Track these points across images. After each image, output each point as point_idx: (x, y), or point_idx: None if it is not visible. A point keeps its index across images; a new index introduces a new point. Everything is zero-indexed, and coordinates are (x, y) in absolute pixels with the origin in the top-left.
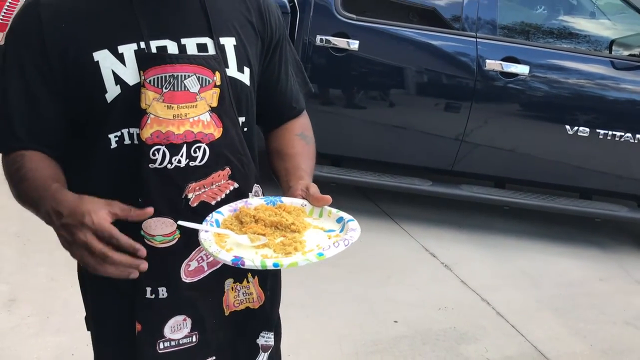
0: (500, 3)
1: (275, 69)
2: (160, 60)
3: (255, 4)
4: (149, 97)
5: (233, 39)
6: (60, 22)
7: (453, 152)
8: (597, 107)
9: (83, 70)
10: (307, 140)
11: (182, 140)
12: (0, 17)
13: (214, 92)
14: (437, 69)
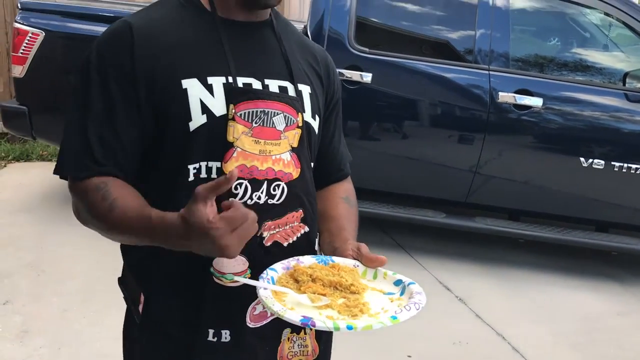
0: (512, 35)
1: (330, 128)
2: (253, 95)
3: (324, 61)
4: (237, 130)
5: (308, 87)
6: (151, 47)
7: (467, 184)
8: (612, 139)
9: (170, 96)
10: (351, 205)
11: (264, 176)
12: (20, 52)
13: (296, 133)
14: (450, 101)
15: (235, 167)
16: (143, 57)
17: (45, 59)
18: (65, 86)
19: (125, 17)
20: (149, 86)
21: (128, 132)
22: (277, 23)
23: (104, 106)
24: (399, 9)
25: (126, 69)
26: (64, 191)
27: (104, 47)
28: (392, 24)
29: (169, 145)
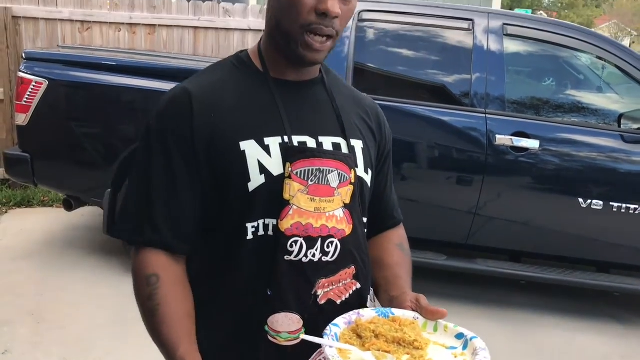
0: (507, 79)
1: (384, 177)
2: (309, 153)
3: (375, 114)
4: (294, 188)
5: (360, 142)
6: (210, 112)
7: (467, 225)
8: (610, 180)
9: (229, 159)
10: (405, 252)
11: (318, 234)
12: (24, 100)
13: (349, 189)
14: (448, 144)
15: (290, 224)
16: (202, 124)
17: (48, 107)
18: (66, 133)
19: (183, 84)
20: (209, 151)
21: (188, 200)
22: (328, 79)
23: (165, 176)
24: (395, 55)
25: (186, 138)
26: (64, 237)
27: (164, 116)
28: (389, 69)
29: (228, 206)
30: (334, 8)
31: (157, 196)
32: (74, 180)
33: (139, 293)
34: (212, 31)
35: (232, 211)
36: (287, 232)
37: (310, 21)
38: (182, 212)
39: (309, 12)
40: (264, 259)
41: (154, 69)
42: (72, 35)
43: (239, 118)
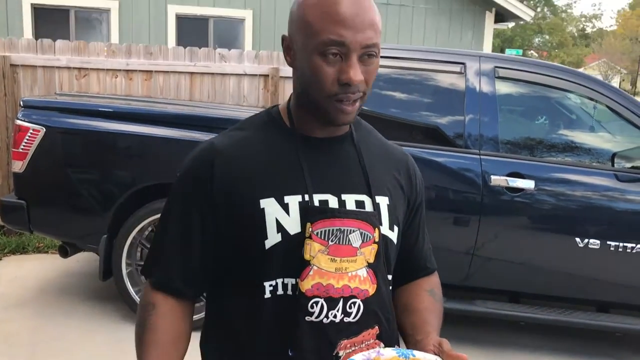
0: (501, 120)
1: (415, 230)
2: (329, 213)
3: (404, 167)
4: (314, 248)
5: (386, 199)
6: (231, 167)
7: (465, 266)
8: (606, 219)
9: (248, 215)
10: (436, 298)
11: (340, 294)
12: (21, 148)
13: (373, 248)
14: (444, 185)
15: (311, 285)
16: (223, 180)
17: (45, 154)
18: (63, 180)
19: (212, 138)
20: (228, 204)
21: (202, 253)
22: (357, 135)
23: (183, 230)
24: (390, 97)
25: (206, 195)
26: (59, 284)
27: (188, 171)
28: (383, 111)
29: (246, 262)
30: (355, 77)
31: (170, 245)
32: (70, 226)
33: (137, 319)
34: (208, 76)
35: (249, 268)
36: (307, 293)
37: (335, 92)
38: (194, 263)
39: (332, 83)
40: (284, 319)
41: (149, 115)
42: (70, 82)
43: (261, 176)
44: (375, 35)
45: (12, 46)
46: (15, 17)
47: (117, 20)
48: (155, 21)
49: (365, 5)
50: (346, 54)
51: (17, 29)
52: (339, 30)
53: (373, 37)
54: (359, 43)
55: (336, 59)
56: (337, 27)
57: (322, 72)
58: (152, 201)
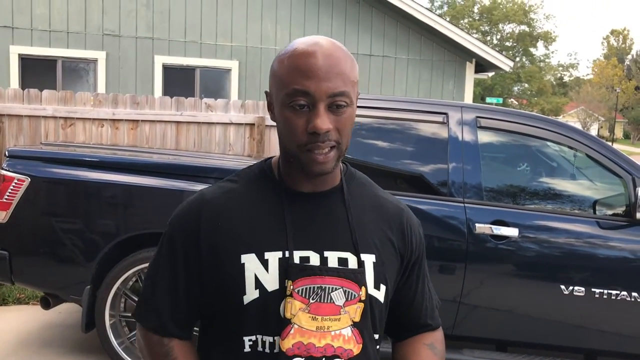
0: (483, 167)
1: (412, 286)
2: (310, 271)
3: (397, 223)
4: (295, 307)
5: (373, 256)
6: (217, 220)
7: (452, 314)
8: (589, 266)
9: (228, 270)
10: (436, 352)
11: (322, 354)
12: (5, 198)
13: (358, 307)
14: (429, 233)
15: (292, 344)
16: (209, 234)
17: (29, 203)
18: (47, 230)
19: (204, 189)
20: (212, 260)
21: (189, 297)
22: (348, 188)
23: (170, 274)
24: (373, 146)
25: (192, 245)
26: (40, 337)
27: (177, 223)
28: (367, 159)
29: (225, 316)
30: (322, 125)
31: (161, 294)
32: (53, 277)
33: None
34: (194, 125)
35: (229, 321)
36: (288, 352)
37: (305, 141)
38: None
39: (302, 133)
40: None
41: (134, 165)
42: (55, 132)
43: (244, 231)
44: (344, 85)
45: None
46: (2, 67)
47: (104, 70)
48: (142, 71)
49: (336, 57)
50: (313, 103)
51: (4, 78)
52: (303, 81)
53: (340, 86)
54: (324, 92)
55: (304, 109)
56: (302, 78)
57: (292, 123)
58: (136, 251)
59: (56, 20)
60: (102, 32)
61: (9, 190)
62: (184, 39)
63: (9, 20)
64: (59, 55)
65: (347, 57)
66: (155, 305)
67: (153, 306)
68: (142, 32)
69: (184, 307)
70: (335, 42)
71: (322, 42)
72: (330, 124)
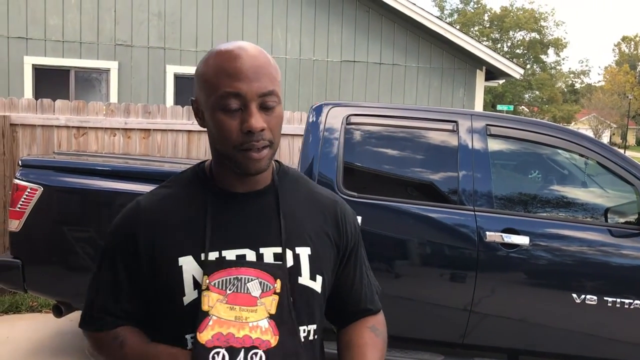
0: (494, 175)
1: (350, 273)
2: (225, 264)
3: (332, 215)
4: (212, 299)
5: (308, 249)
6: (154, 225)
7: (463, 323)
8: (602, 274)
9: (168, 272)
10: (377, 333)
11: (241, 344)
12: (18, 207)
13: (274, 299)
14: (439, 241)
15: (211, 335)
16: (146, 240)
17: (42, 212)
18: (59, 238)
19: (139, 198)
20: (151, 260)
21: (133, 302)
22: (282, 185)
23: (112, 283)
24: (384, 155)
25: (131, 252)
26: (52, 345)
27: (115, 232)
28: (378, 168)
29: (167, 317)
30: (256, 124)
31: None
32: (65, 285)
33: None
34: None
35: (173, 322)
36: (207, 344)
37: (240, 142)
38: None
39: (237, 134)
40: None
41: (146, 174)
42: (68, 141)
43: (180, 233)
44: (272, 84)
45: (12, 106)
46: (16, 78)
47: (116, 80)
48: (154, 81)
49: (260, 58)
50: (245, 104)
51: (19, 88)
52: (233, 83)
53: (269, 85)
54: (255, 92)
55: (237, 111)
56: (232, 80)
57: (226, 125)
58: None
59: (69, 30)
60: (115, 42)
61: (22, 199)
62: (195, 48)
63: (23, 31)
64: (72, 66)
65: (270, 59)
66: (98, 310)
67: (96, 310)
68: (154, 42)
69: (128, 308)
70: (256, 45)
71: (246, 45)
72: (264, 122)
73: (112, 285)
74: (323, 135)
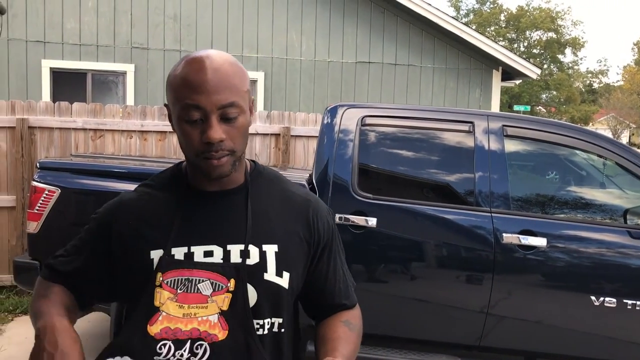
0: (510, 176)
1: (322, 271)
2: (179, 264)
3: (303, 214)
4: (164, 296)
5: (275, 246)
6: (128, 218)
7: (479, 326)
8: (621, 276)
9: (139, 264)
10: (351, 328)
11: (188, 336)
12: (36, 209)
13: (226, 297)
14: (455, 243)
15: (160, 329)
16: (120, 230)
17: (59, 214)
18: None
19: (123, 193)
20: (123, 251)
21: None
22: (255, 184)
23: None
24: (398, 156)
25: (104, 235)
26: None
27: (97, 218)
28: (393, 169)
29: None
30: (214, 135)
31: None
32: None
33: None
34: None
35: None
36: (156, 336)
37: (200, 150)
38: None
39: (198, 143)
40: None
41: None
42: (85, 143)
43: (154, 228)
44: (233, 96)
45: (30, 109)
46: (34, 80)
47: (132, 83)
48: None
49: (224, 70)
50: (205, 115)
51: (37, 91)
52: (193, 95)
53: (230, 97)
54: (214, 104)
55: (198, 121)
56: (193, 93)
57: (188, 134)
58: None
59: (86, 34)
60: (131, 45)
61: (40, 202)
62: None
63: (41, 35)
64: (89, 69)
65: (236, 69)
66: (52, 261)
67: (53, 262)
68: (170, 45)
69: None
70: (224, 54)
71: (212, 55)
72: (223, 133)
73: (75, 250)
74: (338, 137)
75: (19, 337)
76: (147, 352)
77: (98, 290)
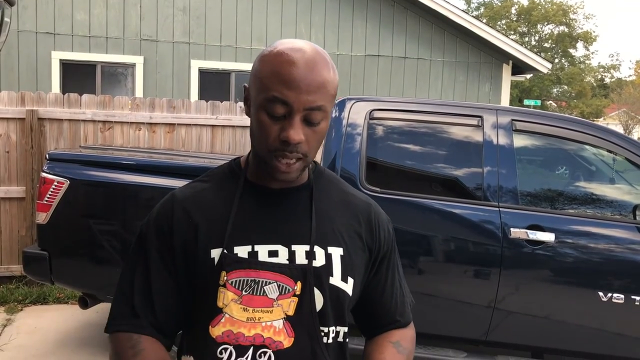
0: (519, 171)
1: (381, 280)
2: (246, 264)
3: (366, 217)
4: (227, 297)
5: (340, 249)
6: (188, 219)
7: (486, 320)
8: (629, 272)
9: (201, 264)
10: (400, 350)
11: (251, 342)
12: (45, 200)
13: (292, 301)
14: (463, 237)
15: (222, 332)
16: (181, 233)
17: (68, 205)
18: (85, 231)
19: (175, 191)
20: (184, 252)
21: (164, 297)
22: (318, 184)
23: (146, 275)
24: (408, 150)
25: (167, 246)
26: (79, 336)
27: (151, 224)
28: (401, 163)
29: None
30: (294, 136)
31: (137, 296)
32: (90, 277)
33: (120, 350)
34: (229, 129)
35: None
36: (217, 339)
37: (275, 147)
38: (160, 308)
39: (274, 139)
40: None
41: (170, 168)
42: (94, 135)
43: (214, 227)
44: (322, 98)
45: (40, 100)
46: (44, 72)
47: (141, 75)
48: (178, 75)
49: (318, 67)
50: (290, 113)
51: (46, 83)
52: (283, 90)
53: (318, 100)
54: (302, 104)
55: (280, 116)
56: (283, 87)
57: (266, 127)
58: None
59: (95, 26)
60: (140, 37)
61: (49, 193)
62: (219, 43)
63: (51, 26)
64: (98, 60)
65: (332, 72)
66: (122, 310)
67: (121, 310)
68: (179, 37)
69: (158, 308)
70: (319, 49)
71: (308, 50)
72: (303, 136)
73: (144, 284)
74: (346, 131)
75: (28, 327)
76: (208, 354)
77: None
